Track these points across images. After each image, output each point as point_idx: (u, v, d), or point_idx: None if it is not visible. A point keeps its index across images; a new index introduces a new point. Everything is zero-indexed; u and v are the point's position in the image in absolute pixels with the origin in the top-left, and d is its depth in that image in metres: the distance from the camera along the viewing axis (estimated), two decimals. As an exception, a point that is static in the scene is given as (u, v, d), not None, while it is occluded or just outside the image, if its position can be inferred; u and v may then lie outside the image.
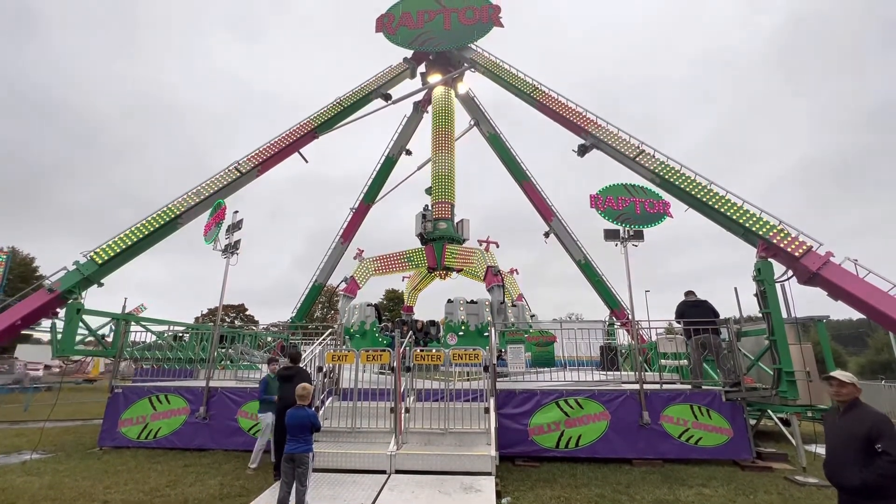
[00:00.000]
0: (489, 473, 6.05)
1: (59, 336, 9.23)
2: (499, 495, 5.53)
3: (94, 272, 9.84)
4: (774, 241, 8.39)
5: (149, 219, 11.03)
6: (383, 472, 6.22)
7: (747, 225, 8.87)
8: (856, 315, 8.16)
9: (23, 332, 10.63)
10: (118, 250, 10.26)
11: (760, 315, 8.06)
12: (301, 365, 8.06)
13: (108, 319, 10.06)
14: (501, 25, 17.62)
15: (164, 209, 11.30)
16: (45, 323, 9.74)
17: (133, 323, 10.35)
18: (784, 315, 7.81)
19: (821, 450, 8.50)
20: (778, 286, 7.99)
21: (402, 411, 7.02)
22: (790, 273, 8.39)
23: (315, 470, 5.86)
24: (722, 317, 8.66)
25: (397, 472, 6.24)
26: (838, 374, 3.34)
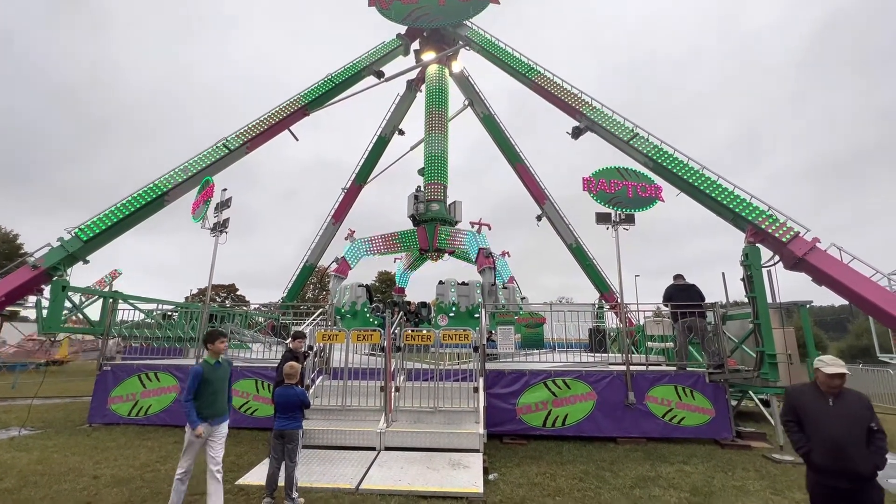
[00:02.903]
0: (477, 450, 6.18)
1: (45, 313, 9.10)
2: (486, 471, 5.65)
3: (79, 249, 9.65)
4: (763, 226, 8.47)
5: (135, 195, 10.80)
6: (373, 448, 6.32)
7: (737, 210, 8.93)
8: (838, 301, 8.36)
9: (9, 308, 10.47)
10: (103, 227, 10.06)
11: (746, 299, 8.20)
12: (290, 345, 8.08)
13: (95, 297, 9.93)
14: (497, 2, 17.22)
15: (151, 186, 11.06)
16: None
17: (121, 301, 10.24)
18: (769, 300, 7.95)
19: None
20: (764, 271, 8.11)
21: (392, 390, 7.10)
22: (777, 258, 8.51)
23: (305, 447, 5.94)
24: (709, 301, 8.80)
25: (387, 448, 6.34)
26: (843, 367, 3.13)
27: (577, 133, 12.76)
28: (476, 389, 7.23)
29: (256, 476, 5.38)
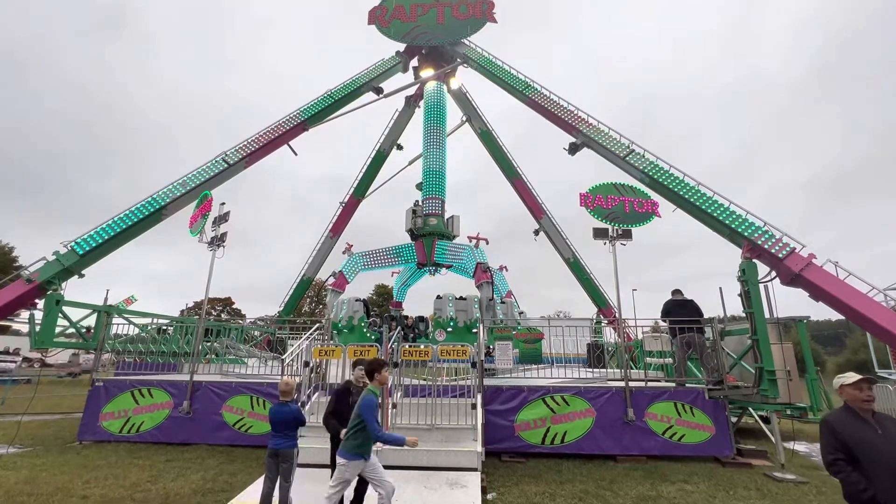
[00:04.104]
0: (475, 469, 6.07)
1: (38, 327, 9.00)
2: (484, 491, 5.55)
3: (74, 263, 9.61)
4: (759, 242, 8.53)
5: (132, 209, 10.80)
6: (369, 467, 6.20)
7: (733, 226, 9.00)
8: (834, 316, 8.38)
9: (0, 322, 10.35)
10: (100, 241, 10.04)
11: (744, 315, 8.20)
12: (288, 360, 7.99)
13: (89, 312, 9.84)
14: (495, 21, 17.58)
15: (149, 199, 11.07)
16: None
17: (115, 315, 10.15)
18: (766, 315, 7.96)
19: (800, 447, 8.73)
20: (761, 287, 8.13)
21: (389, 407, 7.00)
22: (773, 274, 8.55)
23: (300, 465, 5.82)
24: (707, 316, 8.79)
25: (383, 467, 6.21)
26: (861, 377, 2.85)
27: (573, 149, 12.92)
28: (474, 406, 7.15)
29: (250, 496, 5.26)
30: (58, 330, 9.31)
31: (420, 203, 18.62)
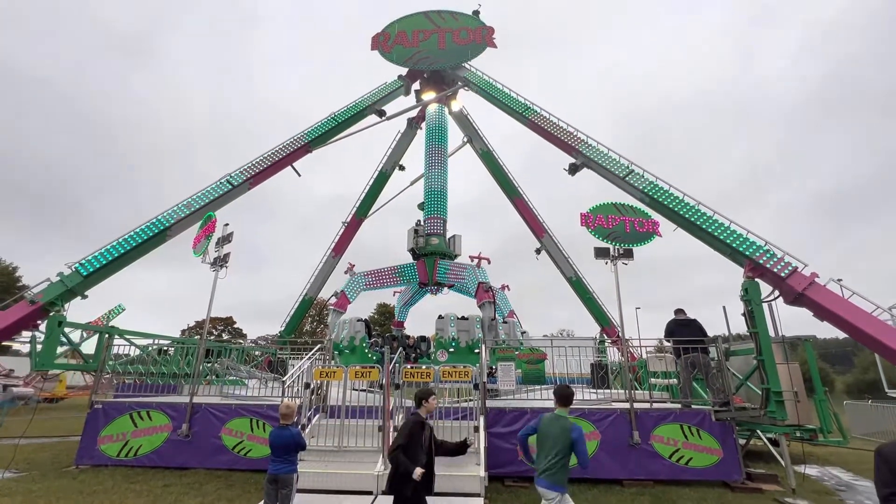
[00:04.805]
0: (478, 495, 5.95)
1: (39, 349, 8.98)
2: (487, 517, 5.42)
3: (78, 284, 9.64)
4: (761, 261, 8.52)
5: (137, 230, 10.89)
6: (370, 493, 6.09)
7: (734, 245, 9.01)
8: (842, 334, 8.28)
9: (2, 343, 10.34)
10: (104, 262, 10.08)
11: (748, 334, 8.14)
12: (289, 382, 7.92)
13: (90, 333, 9.82)
14: (495, 46, 18.01)
15: (153, 221, 11.18)
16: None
17: (116, 336, 10.13)
18: (771, 334, 7.89)
19: (811, 471, 8.52)
20: (765, 305, 8.08)
21: (391, 429, 6.90)
22: (777, 293, 8.51)
23: (299, 491, 5.71)
24: (711, 335, 8.71)
25: (384, 493, 6.10)
26: None
27: (573, 170, 13.05)
28: (476, 429, 7.04)
29: (248, 523, 5.16)
30: (58, 351, 9.29)
31: (422, 223, 18.73)
